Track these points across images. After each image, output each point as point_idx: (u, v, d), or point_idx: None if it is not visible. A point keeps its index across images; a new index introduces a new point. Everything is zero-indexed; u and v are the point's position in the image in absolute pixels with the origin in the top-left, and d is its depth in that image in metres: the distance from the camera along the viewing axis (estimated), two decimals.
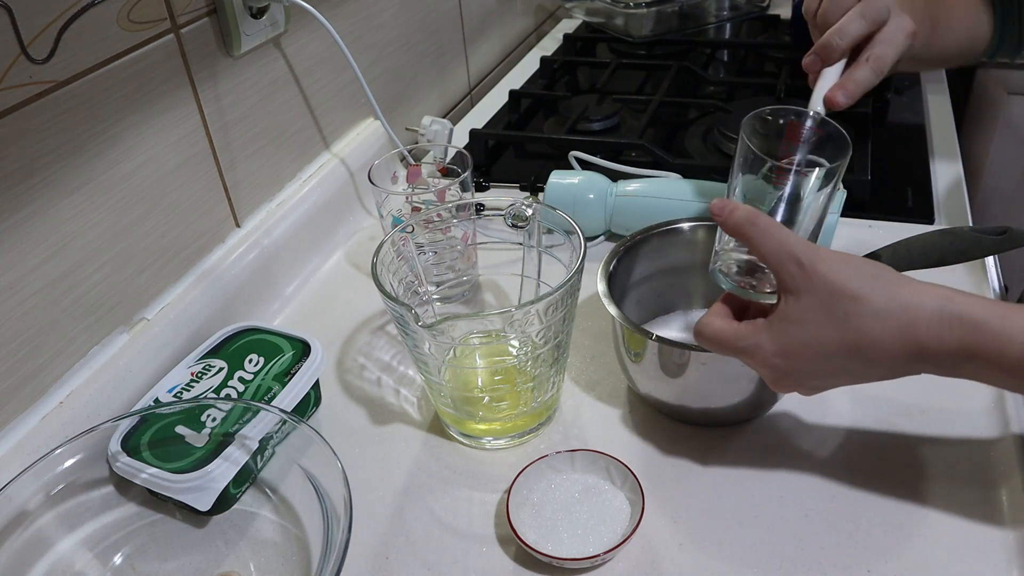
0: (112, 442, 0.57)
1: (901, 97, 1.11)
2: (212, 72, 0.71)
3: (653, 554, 0.54)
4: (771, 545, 0.54)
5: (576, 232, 0.61)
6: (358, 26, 0.92)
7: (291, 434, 0.57)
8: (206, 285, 0.72)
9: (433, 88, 1.13)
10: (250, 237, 0.78)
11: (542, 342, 0.59)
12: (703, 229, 0.68)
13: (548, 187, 0.83)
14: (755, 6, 1.33)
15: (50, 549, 0.53)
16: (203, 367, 0.64)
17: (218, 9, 0.71)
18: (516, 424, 0.63)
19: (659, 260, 0.69)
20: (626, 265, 0.67)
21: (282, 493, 0.59)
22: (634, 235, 0.67)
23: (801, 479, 0.58)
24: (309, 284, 0.84)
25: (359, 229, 0.92)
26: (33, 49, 0.54)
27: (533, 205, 0.64)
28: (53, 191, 0.58)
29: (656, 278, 0.70)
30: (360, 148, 0.94)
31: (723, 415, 0.62)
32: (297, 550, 0.55)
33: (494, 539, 0.56)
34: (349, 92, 0.92)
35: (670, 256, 0.69)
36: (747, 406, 0.61)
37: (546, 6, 1.54)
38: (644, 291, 0.69)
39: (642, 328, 0.60)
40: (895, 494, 0.57)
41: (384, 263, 0.61)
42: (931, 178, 0.92)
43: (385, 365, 0.73)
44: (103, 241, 0.63)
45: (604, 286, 0.62)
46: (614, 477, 0.58)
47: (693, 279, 0.70)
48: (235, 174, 0.76)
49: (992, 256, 0.77)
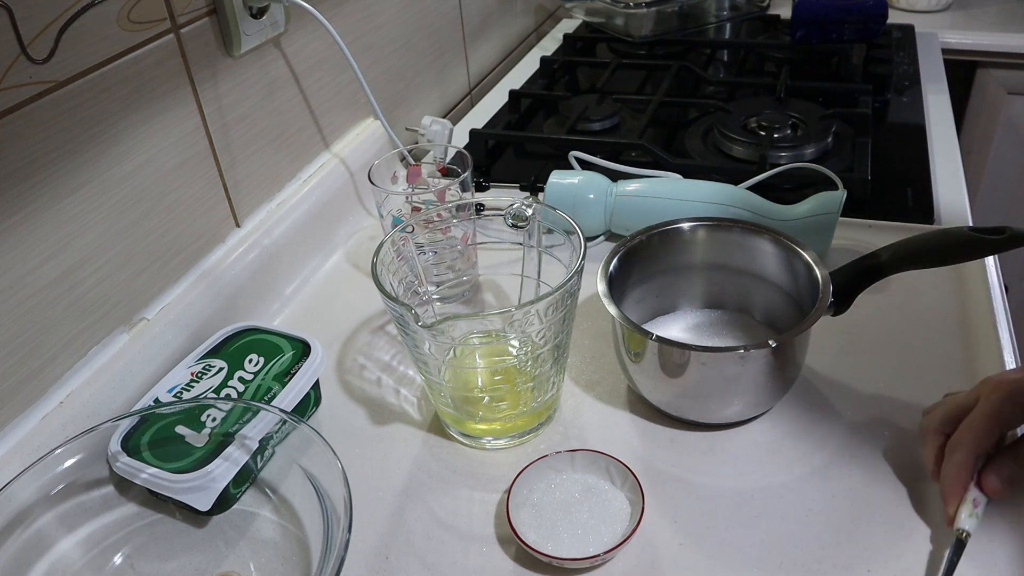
0: (112, 442, 0.57)
1: (901, 97, 1.11)
2: (212, 72, 0.71)
3: (653, 554, 0.54)
4: (771, 545, 0.54)
5: (576, 232, 0.61)
6: (358, 26, 0.92)
7: (291, 434, 0.57)
8: (206, 285, 0.72)
9: (433, 88, 1.13)
10: (250, 237, 0.78)
11: (542, 342, 0.59)
12: (703, 229, 0.68)
13: (548, 187, 0.83)
14: (755, 6, 1.33)
15: (50, 549, 0.53)
16: (203, 367, 0.64)
17: (218, 9, 0.71)
18: (516, 424, 0.63)
19: (659, 260, 0.69)
20: (626, 265, 0.67)
21: (282, 493, 0.59)
22: (634, 235, 0.67)
23: (801, 479, 0.58)
24: (309, 284, 0.84)
25: (359, 229, 0.92)
26: (33, 49, 0.54)
27: (533, 205, 0.64)
28: (53, 191, 0.58)
29: (656, 278, 0.70)
30: (360, 148, 0.94)
31: (723, 415, 0.62)
32: (297, 550, 0.55)
33: (494, 539, 0.56)
34: (349, 92, 0.92)
35: (670, 256, 0.69)
36: (747, 406, 0.61)
37: (546, 6, 1.54)
38: (644, 291, 0.69)
39: (642, 328, 0.60)
40: (895, 494, 0.57)
41: (384, 263, 0.61)
42: (931, 178, 0.92)
43: (385, 365, 0.73)
44: (103, 241, 0.63)
45: (604, 286, 0.62)
46: (614, 477, 0.58)
47: (693, 279, 0.70)
48: (235, 174, 0.77)
49: (992, 256, 0.77)
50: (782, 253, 0.66)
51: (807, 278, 0.63)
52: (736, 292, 0.70)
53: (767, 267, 0.67)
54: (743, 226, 0.67)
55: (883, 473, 0.58)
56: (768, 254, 0.67)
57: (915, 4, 1.47)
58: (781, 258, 0.66)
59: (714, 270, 0.70)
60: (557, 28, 1.50)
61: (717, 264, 0.69)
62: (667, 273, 0.70)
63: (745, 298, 0.70)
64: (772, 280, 0.67)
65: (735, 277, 0.69)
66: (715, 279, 0.70)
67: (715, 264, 0.69)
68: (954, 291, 0.74)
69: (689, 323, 0.71)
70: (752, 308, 0.70)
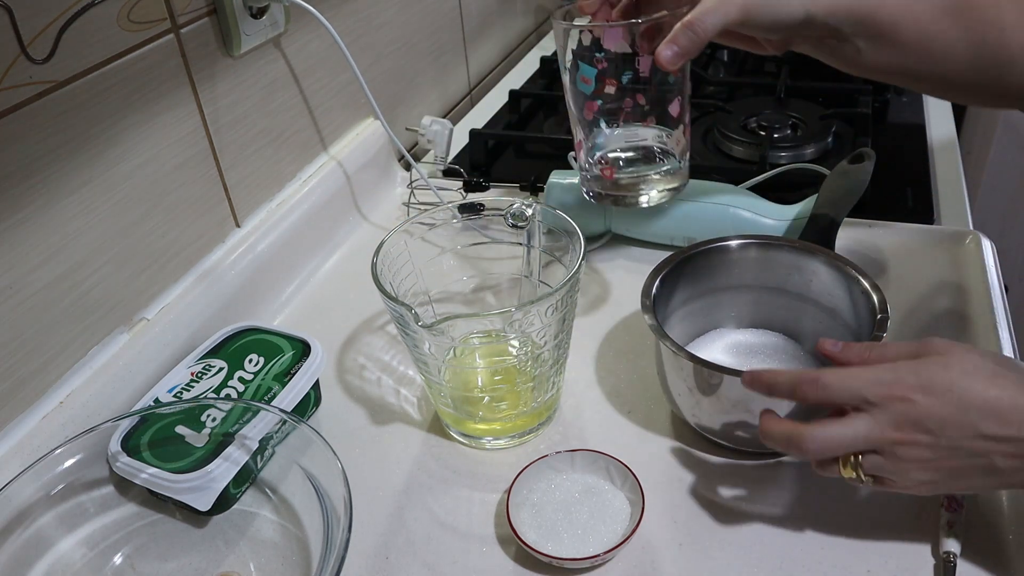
0: (112, 442, 0.56)
1: (901, 97, 1.11)
2: (212, 72, 0.71)
3: (653, 554, 0.54)
4: (771, 545, 0.54)
5: (576, 232, 0.61)
6: (358, 26, 0.92)
7: (291, 434, 0.57)
8: (206, 285, 0.72)
9: (433, 88, 1.13)
10: (250, 237, 0.78)
11: (542, 342, 0.59)
12: (753, 247, 0.66)
13: (548, 187, 0.83)
14: None
15: (50, 549, 0.53)
16: (203, 367, 0.64)
17: (218, 9, 0.71)
18: (516, 424, 0.63)
19: (704, 279, 0.66)
20: (669, 283, 0.64)
21: (282, 493, 0.59)
22: (678, 252, 0.65)
23: (801, 479, 0.58)
24: (309, 284, 0.84)
25: (359, 229, 0.92)
26: (33, 49, 0.54)
27: (533, 205, 0.64)
28: (53, 191, 0.58)
29: (701, 298, 0.67)
30: (360, 148, 0.93)
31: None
32: (297, 550, 0.55)
33: (494, 539, 0.56)
34: (349, 92, 0.92)
35: (713, 275, 0.66)
36: None
37: (546, 6, 1.54)
38: (688, 311, 0.67)
39: (725, 368, 0.56)
40: (896, 494, 0.56)
41: (384, 263, 0.61)
42: (931, 178, 0.92)
43: (385, 365, 0.73)
44: (103, 241, 0.63)
45: (648, 301, 0.60)
46: (614, 477, 0.58)
47: (738, 299, 0.68)
48: (235, 174, 0.76)
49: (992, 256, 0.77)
50: (837, 275, 0.63)
51: (863, 302, 0.60)
52: (783, 313, 0.67)
53: (818, 289, 0.64)
54: (791, 244, 0.65)
55: None
56: (821, 276, 0.64)
57: None
58: (834, 280, 0.63)
59: (762, 291, 0.67)
60: None
61: (764, 285, 0.67)
62: (712, 292, 0.67)
63: (793, 320, 0.67)
64: (823, 303, 0.64)
65: (782, 298, 0.66)
66: (762, 300, 0.67)
67: (762, 285, 0.67)
68: (954, 291, 0.74)
69: (731, 343, 0.68)
70: (800, 331, 0.67)
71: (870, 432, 0.47)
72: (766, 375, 0.51)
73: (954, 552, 0.51)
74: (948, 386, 0.46)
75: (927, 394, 0.46)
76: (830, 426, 0.48)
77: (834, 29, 0.57)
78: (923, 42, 0.56)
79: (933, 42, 0.56)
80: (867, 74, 0.60)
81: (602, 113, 0.67)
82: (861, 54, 0.58)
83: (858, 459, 0.48)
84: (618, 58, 0.63)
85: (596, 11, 0.64)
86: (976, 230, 0.80)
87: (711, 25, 0.56)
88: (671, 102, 0.66)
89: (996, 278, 0.75)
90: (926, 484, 0.48)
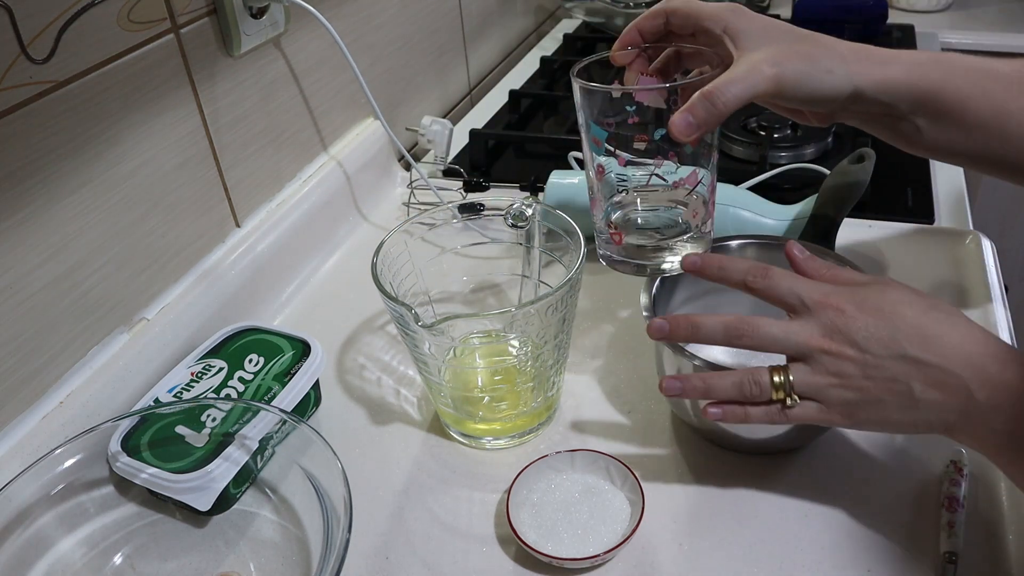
0: (112, 442, 0.56)
1: None
2: (212, 72, 0.71)
3: (653, 554, 0.54)
4: (771, 545, 0.54)
5: (576, 232, 0.61)
6: (358, 26, 0.92)
7: (291, 434, 0.57)
8: (206, 285, 0.72)
9: (433, 88, 1.13)
10: (250, 237, 0.78)
11: (542, 342, 0.59)
12: (752, 248, 0.65)
13: (548, 187, 0.83)
14: (755, 6, 1.33)
15: (50, 549, 0.53)
16: (203, 367, 0.64)
17: (218, 9, 0.71)
18: (516, 424, 0.63)
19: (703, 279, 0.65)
20: (669, 285, 0.64)
21: (282, 493, 0.59)
22: None
23: (801, 479, 0.58)
24: (309, 284, 0.84)
25: (359, 229, 0.92)
26: (33, 49, 0.54)
27: (533, 205, 0.64)
28: (53, 191, 0.58)
29: (701, 298, 0.67)
30: (360, 148, 0.93)
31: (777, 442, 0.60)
32: (297, 550, 0.55)
33: (494, 539, 0.56)
34: (349, 92, 0.92)
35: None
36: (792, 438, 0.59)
37: (546, 6, 1.54)
38: (687, 311, 0.66)
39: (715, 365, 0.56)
40: (895, 494, 0.57)
41: (384, 263, 0.61)
42: (931, 178, 0.92)
43: (385, 365, 0.73)
44: (103, 241, 0.63)
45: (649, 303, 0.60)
46: (614, 477, 0.58)
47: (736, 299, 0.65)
48: (235, 174, 0.76)
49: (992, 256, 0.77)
50: None
51: None
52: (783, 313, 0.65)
53: None
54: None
55: (884, 473, 0.58)
56: None
57: (915, 4, 1.48)
58: None
59: None
60: (557, 28, 1.50)
61: None
62: (712, 293, 0.66)
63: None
64: None
65: None
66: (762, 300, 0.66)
67: None
68: (954, 291, 0.74)
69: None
70: None
71: (800, 332, 0.49)
72: (720, 257, 0.53)
73: (954, 552, 0.51)
74: (881, 306, 0.48)
75: (860, 309, 0.48)
76: (769, 323, 0.50)
77: (887, 106, 0.52)
78: (997, 121, 0.51)
79: (1009, 120, 0.51)
80: (931, 155, 0.56)
81: (614, 174, 0.60)
82: (922, 133, 0.53)
83: (787, 377, 0.49)
84: (651, 112, 0.55)
85: (631, 62, 0.59)
86: (976, 230, 0.80)
87: (733, 97, 0.50)
88: (697, 164, 0.58)
89: (996, 278, 0.75)
90: (847, 407, 0.49)
